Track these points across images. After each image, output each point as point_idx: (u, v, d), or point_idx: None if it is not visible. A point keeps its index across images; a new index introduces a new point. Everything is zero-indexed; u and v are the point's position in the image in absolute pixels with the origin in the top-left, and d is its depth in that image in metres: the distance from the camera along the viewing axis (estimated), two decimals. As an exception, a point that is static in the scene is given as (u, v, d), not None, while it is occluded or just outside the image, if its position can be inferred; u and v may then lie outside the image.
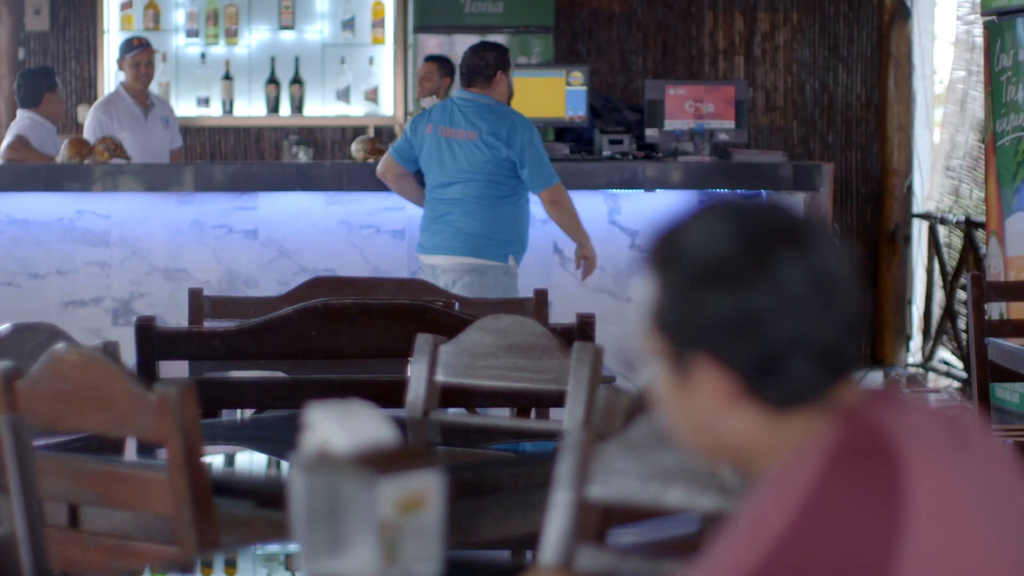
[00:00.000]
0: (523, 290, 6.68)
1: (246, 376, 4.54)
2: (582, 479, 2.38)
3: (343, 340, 4.14)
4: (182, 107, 9.85)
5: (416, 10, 9.63)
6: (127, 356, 3.59)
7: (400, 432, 2.04)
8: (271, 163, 8.83)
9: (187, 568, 2.69)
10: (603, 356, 3.54)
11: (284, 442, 3.04)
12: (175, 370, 4.29)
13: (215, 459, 3.25)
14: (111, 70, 9.75)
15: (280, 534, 2.73)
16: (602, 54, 10.23)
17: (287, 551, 2.61)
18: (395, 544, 1.88)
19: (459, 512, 2.62)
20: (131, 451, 3.35)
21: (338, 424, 1.92)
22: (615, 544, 2.42)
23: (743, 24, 10.29)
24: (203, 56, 9.90)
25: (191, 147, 9.95)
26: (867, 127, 10.35)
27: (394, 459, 1.90)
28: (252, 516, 2.95)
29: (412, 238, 7.28)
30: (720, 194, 7.18)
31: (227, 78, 9.89)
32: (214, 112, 9.94)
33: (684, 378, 1.71)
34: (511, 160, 6.50)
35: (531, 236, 6.73)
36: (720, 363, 1.69)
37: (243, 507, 2.95)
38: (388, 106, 9.99)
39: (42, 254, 7.22)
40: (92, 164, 7.20)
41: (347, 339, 4.14)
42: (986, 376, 5.06)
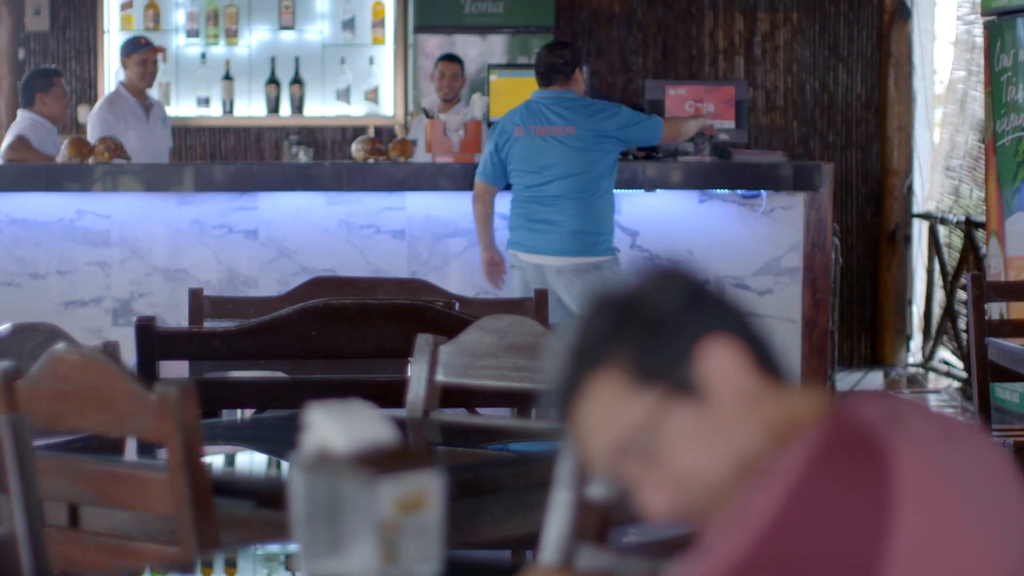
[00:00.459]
0: (524, 290, 6.70)
1: (246, 376, 4.54)
2: (582, 479, 2.38)
3: (343, 340, 4.14)
4: (182, 107, 9.86)
5: (416, 10, 9.63)
6: (127, 356, 3.59)
7: (400, 432, 2.03)
8: (271, 163, 8.82)
9: (187, 568, 2.69)
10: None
11: (284, 442, 3.04)
12: (175, 370, 4.29)
13: (215, 459, 3.25)
14: (111, 70, 9.75)
15: (280, 534, 2.73)
16: (602, 54, 10.23)
17: (287, 551, 2.61)
18: (395, 544, 1.88)
19: (459, 512, 2.62)
20: (131, 451, 3.35)
21: (338, 424, 1.92)
22: (615, 544, 2.42)
23: (743, 24, 10.28)
24: (203, 56, 9.90)
25: (191, 147, 9.95)
26: (867, 127, 10.34)
27: (394, 459, 1.90)
28: (252, 516, 2.95)
29: (412, 238, 7.28)
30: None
31: (227, 78, 9.88)
32: (214, 112, 9.94)
33: (692, 392, 1.71)
34: (616, 141, 6.70)
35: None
36: (723, 337, 1.71)
37: (243, 507, 2.94)
38: (388, 106, 9.99)
39: (42, 254, 7.22)
40: (92, 164, 7.20)
41: (347, 339, 4.14)
42: (986, 376, 5.06)
